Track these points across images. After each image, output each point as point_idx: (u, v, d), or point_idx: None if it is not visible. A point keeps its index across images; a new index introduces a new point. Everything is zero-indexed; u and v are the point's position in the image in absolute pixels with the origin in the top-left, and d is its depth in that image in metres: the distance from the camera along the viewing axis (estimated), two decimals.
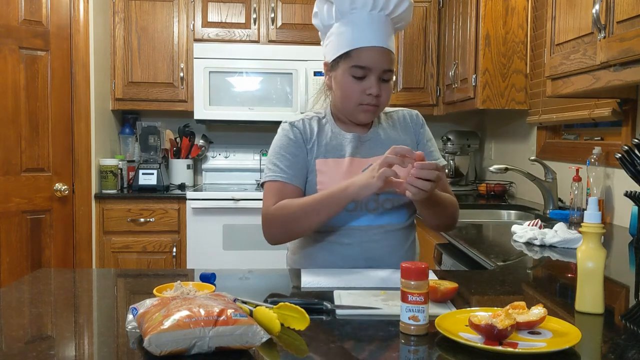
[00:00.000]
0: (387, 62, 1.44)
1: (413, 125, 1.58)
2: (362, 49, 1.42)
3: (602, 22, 1.65)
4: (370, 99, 1.44)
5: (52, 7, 3.12)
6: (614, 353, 0.90)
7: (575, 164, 2.47)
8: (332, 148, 1.50)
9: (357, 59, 1.42)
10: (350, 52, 1.43)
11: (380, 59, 1.42)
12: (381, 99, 1.45)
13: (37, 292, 1.23)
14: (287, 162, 1.48)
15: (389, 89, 1.47)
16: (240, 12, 3.65)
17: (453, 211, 1.51)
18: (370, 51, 1.42)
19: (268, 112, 3.53)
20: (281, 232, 1.45)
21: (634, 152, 1.77)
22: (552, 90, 2.07)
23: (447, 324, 0.94)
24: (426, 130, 1.59)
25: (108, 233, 3.36)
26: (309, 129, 1.52)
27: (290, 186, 1.46)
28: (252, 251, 3.34)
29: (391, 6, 1.44)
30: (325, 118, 1.56)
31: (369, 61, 1.41)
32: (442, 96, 3.74)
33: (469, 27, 3.14)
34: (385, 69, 1.43)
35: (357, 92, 1.44)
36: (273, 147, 1.52)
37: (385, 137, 1.54)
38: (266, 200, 1.47)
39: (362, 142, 1.52)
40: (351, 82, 1.44)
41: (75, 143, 3.26)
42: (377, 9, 1.43)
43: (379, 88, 1.43)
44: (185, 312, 0.84)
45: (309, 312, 0.97)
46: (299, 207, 1.39)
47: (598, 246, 1.07)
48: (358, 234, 1.46)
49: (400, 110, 1.62)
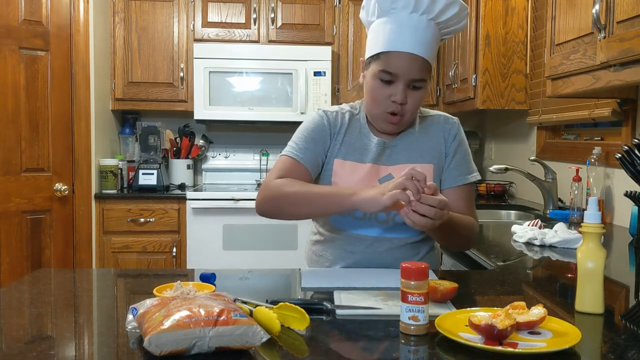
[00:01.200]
0: (417, 71, 1.35)
1: (445, 134, 1.49)
2: (392, 53, 1.34)
3: (602, 22, 1.65)
4: (394, 106, 1.37)
5: (52, 7, 3.12)
6: (614, 353, 0.90)
7: (575, 164, 2.47)
8: (354, 150, 1.45)
9: (385, 64, 1.35)
10: (380, 55, 1.35)
11: (410, 67, 1.34)
12: (406, 107, 1.37)
13: (37, 292, 1.23)
14: (307, 144, 1.44)
15: (417, 97, 1.38)
16: (240, 12, 3.65)
17: (466, 235, 1.42)
18: (401, 57, 1.33)
19: (268, 112, 3.53)
20: (272, 207, 1.39)
21: (634, 152, 1.77)
22: (552, 91, 2.07)
23: (447, 324, 0.94)
24: (459, 142, 1.50)
25: (108, 233, 3.36)
26: (339, 122, 1.47)
27: (302, 167, 1.42)
28: (252, 251, 3.34)
29: (436, 10, 1.34)
30: (359, 115, 1.50)
31: (396, 67, 1.34)
32: (442, 96, 3.74)
33: (469, 27, 3.14)
34: (414, 78, 1.35)
35: (382, 97, 1.37)
36: (300, 128, 1.48)
37: (412, 143, 1.47)
38: (273, 171, 1.43)
39: (387, 148, 1.46)
40: (378, 86, 1.37)
41: (75, 143, 3.26)
42: (419, 12, 1.33)
43: (404, 96, 1.35)
44: (185, 312, 0.84)
45: (309, 312, 0.97)
46: (299, 192, 1.34)
47: (598, 246, 1.07)
48: (364, 243, 1.45)
49: (438, 115, 1.52)
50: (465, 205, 1.46)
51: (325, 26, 3.67)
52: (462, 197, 1.47)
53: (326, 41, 3.67)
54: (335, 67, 3.66)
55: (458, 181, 1.47)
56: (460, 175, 1.47)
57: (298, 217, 1.40)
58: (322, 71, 3.51)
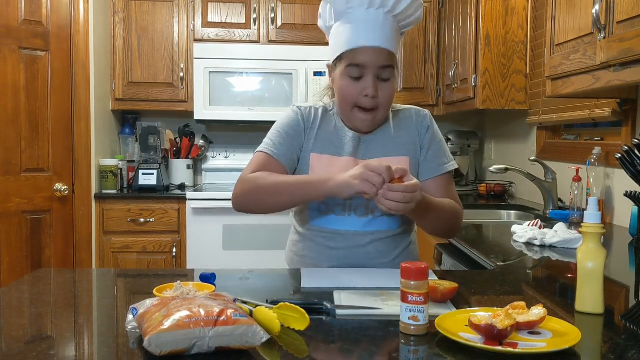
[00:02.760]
0: (384, 59, 1.37)
1: (418, 127, 1.50)
2: (356, 49, 1.36)
3: (602, 23, 1.65)
4: (367, 101, 1.38)
5: (52, 7, 3.12)
6: (614, 353, 0.90)
7: (575, 164, 2.47)
8: (330, 143, 1.47)
9: (352, 58, 1.37)
10: (344, 54, 1.38)
11: (376, 57, 1.36)
12: (379, 100, 1.39)
13: (37, 292, 1.23)
14: (281, 139, 1.46)
15: (388, 88, 1.40)
16: (240, 13, 3.65)
17: (450, 218, 1.43)
18: (365, 51, 1.36)
19: (268, 112, 3.53)
20: (250, 200, 1.40)
21: (634, 152, 1.77)
22: (552, 91, 2.07)
23: (447, 324, 0.94)
24: (433, 133, 1.51)
25: (108, 233, 3.36)
26: (312, 116, 1.49)
27: (276, 162, 1.44)
28: (252, 251, 3.34)
29: (390, 3, 1.37)
30: (333, 111, 1.52)
31: (363, 59, 1.36)
32: (442, 96, 3.74)
33: (469, 27, 3.14)
34: (382, 65, 1.37)
35: (353, 94, 1.39)
36: (275, 125, 1.50)
37: (386, 138, 1.49)
38: (248, 166, 1.45)
39: (362, 142, 1.48)
40: (348, 83, 1.39)
41: (75, 143, 3.26)
42: (375, 7, 1.37)
43: (375, 89, 1.37)
44: (185, 312, 0.84)
45: (309, 312, 0.97)
46: (274, 183, 1.36)
47: (598, 246, 1.07)
48: (345, 239, 1.46)
49: (409, 109, 1.54)
50: (447, 193, 1.49)
51: None
52: (443, 186, 1.49)
53: (326, 41, 3.65)
54: None
55: (436, 172, 1.49)
56: (437, 165, 1.49)
57: (276, 208, 1.40)
58: (322, 71, 3.51)
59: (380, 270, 1.41)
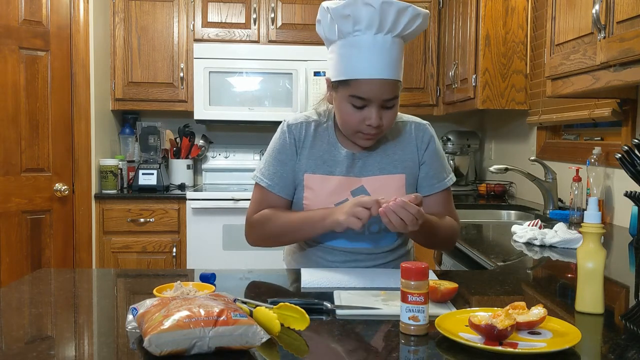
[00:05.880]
0: (389, 92, 1.32)
1: (418, 143, 1.47)
2: (361, 80, 1.30)
3: (602, 23, 1.65)
4: (369, 128, 1.34)
5: (52, 8, 3.12)
6: (613, 353, 0.90)
7: (575, 164, 2.47)
8: (322, 162, 1.45)
9: (356, 89, 1.31)
10: (349, 81, 1.31)
11: (381, 90, 1.30)
12: (382, 127, 1.36)
13: (37, 292, 1.23)
14: (274, 169, 1.46)
15: (392, 114, 1.36)
16: (240, 12, 3.65)
17: (447, 236, 1.46)
18: (371, 83, 1.30)
19: (268, 112, 3.53)
20: (260, 241, 1.49)
21: (633, 152, 1.77)
22: (552, 91, 2.07)
23: (447, 324, 0.94)
24: (433, 149, 1.48)
25: (108, 233, 3.36)
26: (304, 134, 1.46)
27: (274, 196, 1.46)
28: (252, 251, 3.31)
29: (400, 26, 1.30)
30: (327, 124, 1.48)
31: (368, 93, 1.30)
32: (442, 96, 3.74)
33: (469, 28, 3.14)
34: (387, 98, 1.32)
35: (355, 121, 1.34)
36: (270, 147, 1.50)
37: (383, 154, 1.46)
38: (251, 204, 1.50)
39: (357, 160, 1.45)
40: (350, 110, 1.34)
41: (75, 143, 3.26)
42: (384, 32, 1.29)
43: (378, 119, 1.33)
44: (185, 312, 0.84)
45: (309, 312, 0.97)
46: (278, 225, 1.42)
47: (598, 246, 1.07)
48: (341, 254, 1.46)
49: (408, 123, 1.49)
50: (445, 209, 1.50)
51: None
52: (441, 202, 1.50)
53: None
54: None
55: (435, 188, 1.49)
56: (437, 182, 1.49)
57: (287, 244, 1.55)
58: (322, 71, 3.51)
59: (380, 270, 1.41)
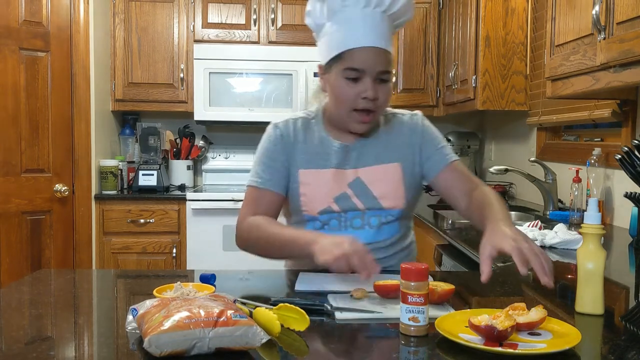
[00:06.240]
0: (383, 63, 1.34)
1: (412, 128, 1.48)
2: (355, 50, 1.32)
3: (602, 24, 1.65)
4: (365, 102, 1.34)
5: (53, 8, 3.13)
6: (613, 354, 0.90)
7: (575, 165, 2.47)
8: (315, 156, 1.44)
9: (349, 61, 1.32)
10: (342, 54, 1.33)
11: (375, 60, 1.33)
12: (378, 102, 1.35)
13: (37, 292, 1.23)
14: (265, 168, 1.45)
15: (387, 90, 1.37)
16: (241, 13, 3.65)
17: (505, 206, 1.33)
18: (364, 52, 1.32)
19: (268, 113, 3.53)
20: (249, 249, 1.45)
21: (633, 153, 1.77)
22: (552, 92, 2.07)
23: (447, 325, 0.94)
24: (427, 133, 1.48)
25: (108, 234, 3.36)
26: (292, 133, 1.46)
27: (268, 193, 1.44)
28: None
29: (387, 2, 1.34)
30: (315, 119, 1.49)
31: (362, 62, 1.32)
32: (442, 97, 3.74)
33: (469, 28, 3.14)
34: (381, 70, 1.34)
35: (351, 96, 1.35)
36: (258, 150, 1.50)
37: (377, 144, 1.45)
38: (243, 207, 1.46)
39: (351, 151, 1.44)
40: (345, 85, 1.34)
41: (75, 144, 3.26)
42: (371, 6, 1.33)
43: (375, 91, 1.33)
44: (185, 313, 0.84)
45: (309, 313, 0.97)
46: (265, 238, 1.38)
47: (598, 247, 1.07)
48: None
49: (402, 113, 1.51)
50: (466, 177, 1.45)
51: None
52: (459, 173, 1.46)
53: None
54: None
55: (446, 160, 1.46)
56: (442, 156, 1.47)
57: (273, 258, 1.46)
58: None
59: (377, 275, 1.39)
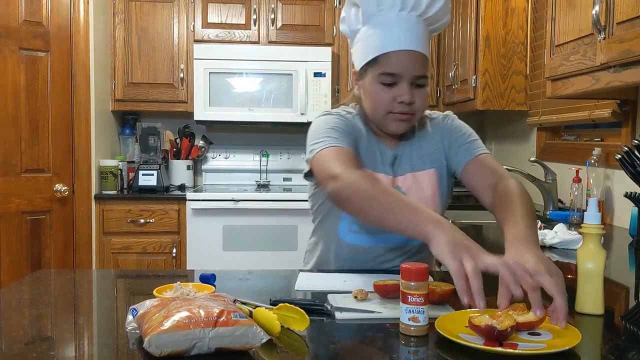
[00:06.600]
0: (420, 68, 1.31)
1: (442, 130, 1.46)
2: (390, 53, 1.29)
3: (602, 23, 1.65)
4: (402, 107, 1.31)
5: (53, 8, 3.13)
6: (614, 354, 0.90)
7: (575, 165, 2.47)
8: (367, 156, 1.40)
9: (385, 65, 1.30)
10: (378, 58, 1.31)
11: (412, 64, 1.30)
12: (415, 106, 1.32)
13: (37, 292, 1.23)
14: (338, 134, 1.31)
15: (424, 95, 1.34)
16: (240, 13, 3.65)
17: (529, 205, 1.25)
18: (400, 56, 1.29)
19: (268, 113, 3.53)
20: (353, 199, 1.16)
21: (633, 153, 1.77)
22: (552, 91, 2.07)
23: (447, 325, 0.94)
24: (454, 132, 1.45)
25: (108, 234, 3.36)
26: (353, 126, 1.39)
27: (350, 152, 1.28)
28: (252, 252, 3.34)
29: (423, 6, 1.31)
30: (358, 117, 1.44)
31: (398, 67, 1.29)
32: (442, 97, 3.74)
33: (469, 28, 3.14)
34: (417, 74, 1.31)
35: (387, 101, 1.32)
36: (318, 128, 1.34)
37: (412, 151, 1.43)
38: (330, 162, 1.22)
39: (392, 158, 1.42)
40: (380, 90, 1.32)
41: (75, 144, 3.26)
42: (407, 9, 1.30)
43: (411, 95, 1.30)
44: (185, 313, 0.84)
45: (309, 313, 0.97)
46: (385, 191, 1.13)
47: (598, 247, 1.07)
48: (359, 252, 1.44)
49: (436, 118, 1.49)
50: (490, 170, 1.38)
51: (326, 27, 3.68)
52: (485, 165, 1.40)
53: (326, 42, 3.67)
54: (336, 68, 3.66)
55: (472, 154, 1.41)
56: (474, 148, 1.42)
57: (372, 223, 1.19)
58: (322, 72, 3.51)
59: (375, 275, 1.39)
